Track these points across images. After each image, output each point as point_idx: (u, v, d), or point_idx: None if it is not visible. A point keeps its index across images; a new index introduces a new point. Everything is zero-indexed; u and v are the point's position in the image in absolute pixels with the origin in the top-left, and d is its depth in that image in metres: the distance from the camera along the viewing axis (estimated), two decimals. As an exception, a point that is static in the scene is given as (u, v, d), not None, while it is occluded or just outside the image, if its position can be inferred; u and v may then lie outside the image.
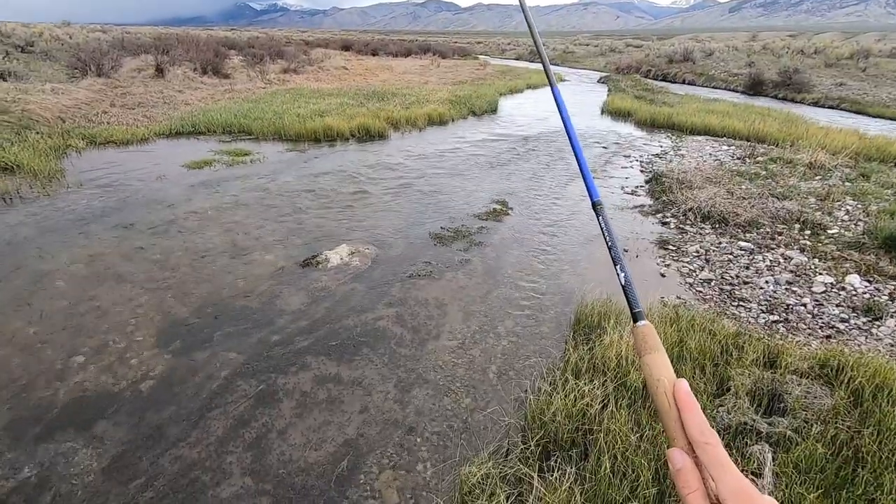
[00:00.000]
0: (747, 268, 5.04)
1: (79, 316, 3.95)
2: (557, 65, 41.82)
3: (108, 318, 3.93)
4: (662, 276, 4.94)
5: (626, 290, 0.75)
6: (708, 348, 3.28)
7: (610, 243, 0.81)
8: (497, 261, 5.16)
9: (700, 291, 4.61)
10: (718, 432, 2.63)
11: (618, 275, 0.78)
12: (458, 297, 4.41)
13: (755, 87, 22.40)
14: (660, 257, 5.35)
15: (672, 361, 2.53)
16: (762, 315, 4.17)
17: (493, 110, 15.57)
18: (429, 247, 5.46)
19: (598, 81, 27.46)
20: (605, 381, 2.90)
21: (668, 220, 6.41)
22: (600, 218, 0.84)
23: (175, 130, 10.51)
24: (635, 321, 0.72)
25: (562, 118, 0.91)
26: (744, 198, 6.83)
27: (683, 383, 0.60)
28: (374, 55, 37.04)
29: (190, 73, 17.98)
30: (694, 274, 4.94)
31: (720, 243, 5.62)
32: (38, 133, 9.05)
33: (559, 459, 2.41)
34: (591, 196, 0.86)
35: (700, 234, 5.93)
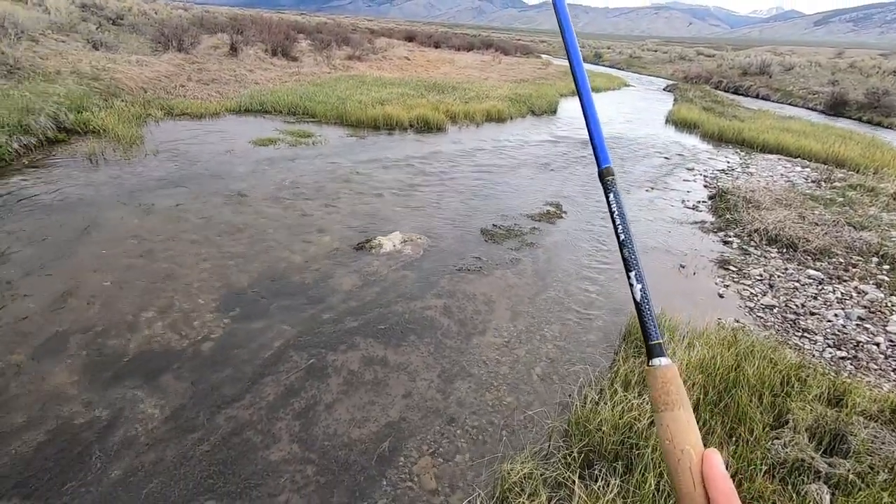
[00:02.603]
0: (815, 298, 4.75)
1: (149, 274, 4.22)
2: (622, 69, 40.58)
3: (175, 280, 4.18)
4: (721, 296, 4.74)
5: (641, 309, 0.54)
6: (767, 377, 3.13)
7: (622, 236, 0.57)
8: (548, 263, 5.10)
9: (761, 317, 4.39)
10: (773, 466, 2.52)
11: (631, 286, 0.55)
12: (507, 296, 4.41)
13: (837, 108, 20.92)
14: (719, 277, 5.13)
15: (728, 387, 2.40)
16: (828, 349, 3.93)
17: (553, 111, 15.34)
18: (480, 242, 5.46)
19: (663, 90, 26.47)
20: (655, 397, 2.82)
21: (730, 239, 6.13)
22: (610, 195, 0.58)
23: (244, 107, 10.99)
24: (651, 357, 0.52)
25: (569, 56, 0.65)
26: (816, 224, 6.42)
27: (716, 459, 0.44)
28: (436, 47, 37.17)
29: (261, 54, 18.69)
30: (755, 298, 4.71)
31: (786, 269, 5.32)
32: (122, 101, 9.70)
33: (602, 470, 2.38)
34: (598, 163, 0.61)
35: (765, 257, 5.63)
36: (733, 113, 16.63)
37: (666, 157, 10.57)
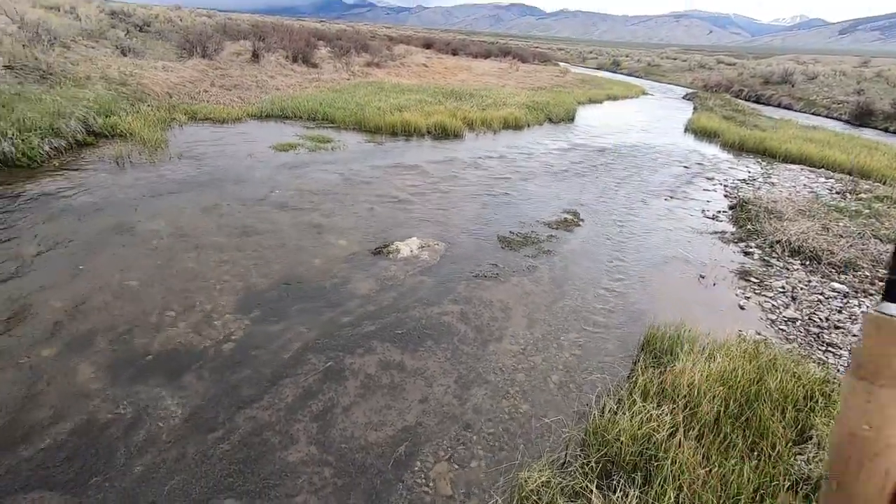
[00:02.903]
0: (839, 311, 4.64)
1: (172, 275, 4.31)
2: (640, 77, 40.37)
3: (197, 281, 4.26)
4: (741, 308, 4.67)
5: None
6: (790, 391, 3.07)
7: None
8: (565, 271, 5.08)
9: (783, 330, 4.31)
10: (795, 483, 2.47)
11: None
12: (523, 303, 4.40)
13: (862, 117, 20.50)
14: (740, 288, 5.05)
15: (749, 400, 2.36)
16: (854, 364, 3.83)
17: (571, 119, 15.29)
18: (496, 249, 5.47)
19: (682, 98, 26.24)
20: (675, 408, 2.79)
21: (751, 250, 6.03)
22: None
23: (265, 113, 11.18)
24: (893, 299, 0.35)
25: None
26: (841, 236, 6.29)
27: None
28: (454, 55, 37.38)
29: (282, 60, 19.02)
30: (777, 310, 4.62)
31: (810, 281, 5.22)
32: (148, 105, 9.95)
33: (621, 480, 2.35)
34: None
35: (787, 269, 5.53)
36: (754, 122, 16.40)
37: (685, 167, 10.46)
